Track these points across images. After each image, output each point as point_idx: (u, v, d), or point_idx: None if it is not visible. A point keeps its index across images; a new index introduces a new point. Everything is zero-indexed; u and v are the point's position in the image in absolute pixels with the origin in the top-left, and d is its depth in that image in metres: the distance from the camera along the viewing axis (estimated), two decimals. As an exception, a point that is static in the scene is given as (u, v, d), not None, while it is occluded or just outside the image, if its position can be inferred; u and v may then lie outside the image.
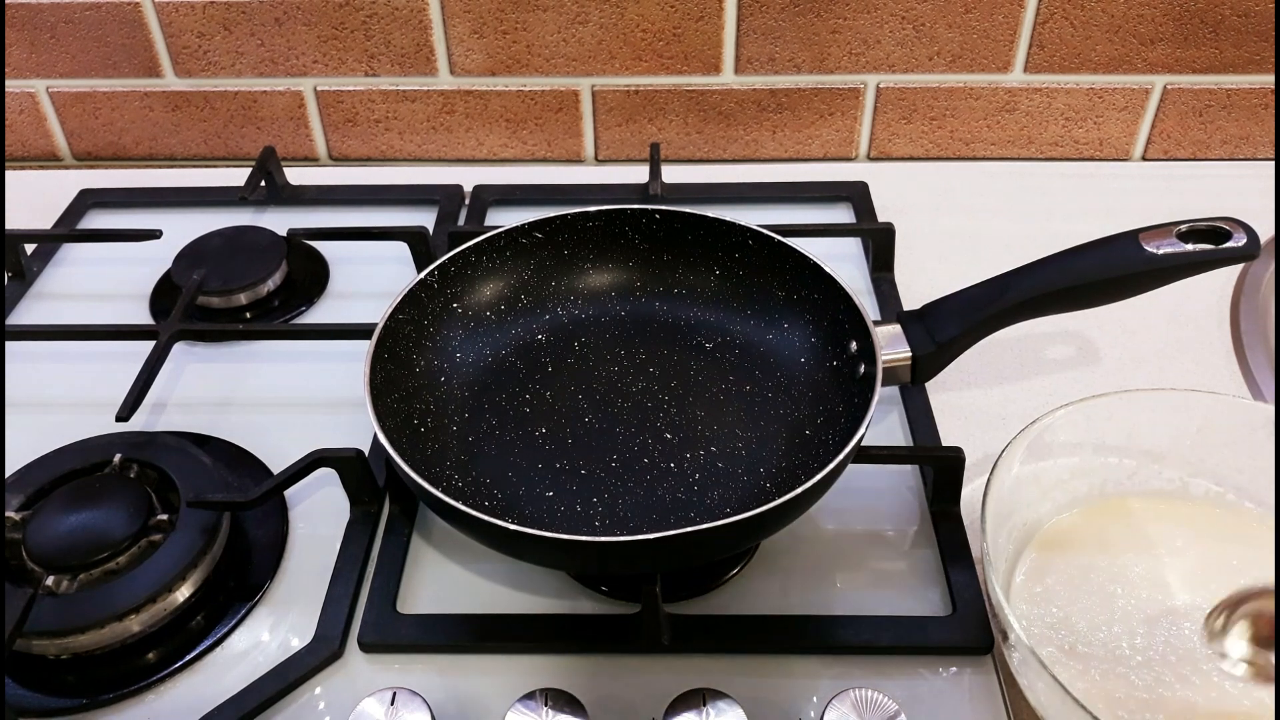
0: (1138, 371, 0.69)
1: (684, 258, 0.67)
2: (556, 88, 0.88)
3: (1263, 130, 0.88)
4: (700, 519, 0.55)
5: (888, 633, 0.53)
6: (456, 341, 0.64)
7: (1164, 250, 0.56)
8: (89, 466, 0.60)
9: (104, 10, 0.85)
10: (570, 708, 0.46)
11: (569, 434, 0.60)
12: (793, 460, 0.58)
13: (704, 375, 0.63)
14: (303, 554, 0.58)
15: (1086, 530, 0.56)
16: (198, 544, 0.55)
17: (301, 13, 0.84)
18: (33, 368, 0.71)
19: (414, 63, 0.87)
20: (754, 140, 0.91)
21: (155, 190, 0.88)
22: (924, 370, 0.59)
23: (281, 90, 0.89)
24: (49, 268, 0.81)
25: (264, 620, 0.55)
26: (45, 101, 0.91)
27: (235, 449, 0.64)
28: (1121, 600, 0.53)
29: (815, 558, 0.57)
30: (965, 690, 0.51)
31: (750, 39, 0.84)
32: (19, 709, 0.51)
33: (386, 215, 0.84)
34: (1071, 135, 0.89)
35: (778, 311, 0.65)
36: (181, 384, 0.70)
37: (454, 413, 0.61)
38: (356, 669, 0.53)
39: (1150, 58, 0.84)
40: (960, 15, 0.83)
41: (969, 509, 0.59)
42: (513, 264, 0.66)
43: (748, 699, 0.47)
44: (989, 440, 0.64)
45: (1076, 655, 0.50)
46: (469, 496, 0.56)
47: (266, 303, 0.76)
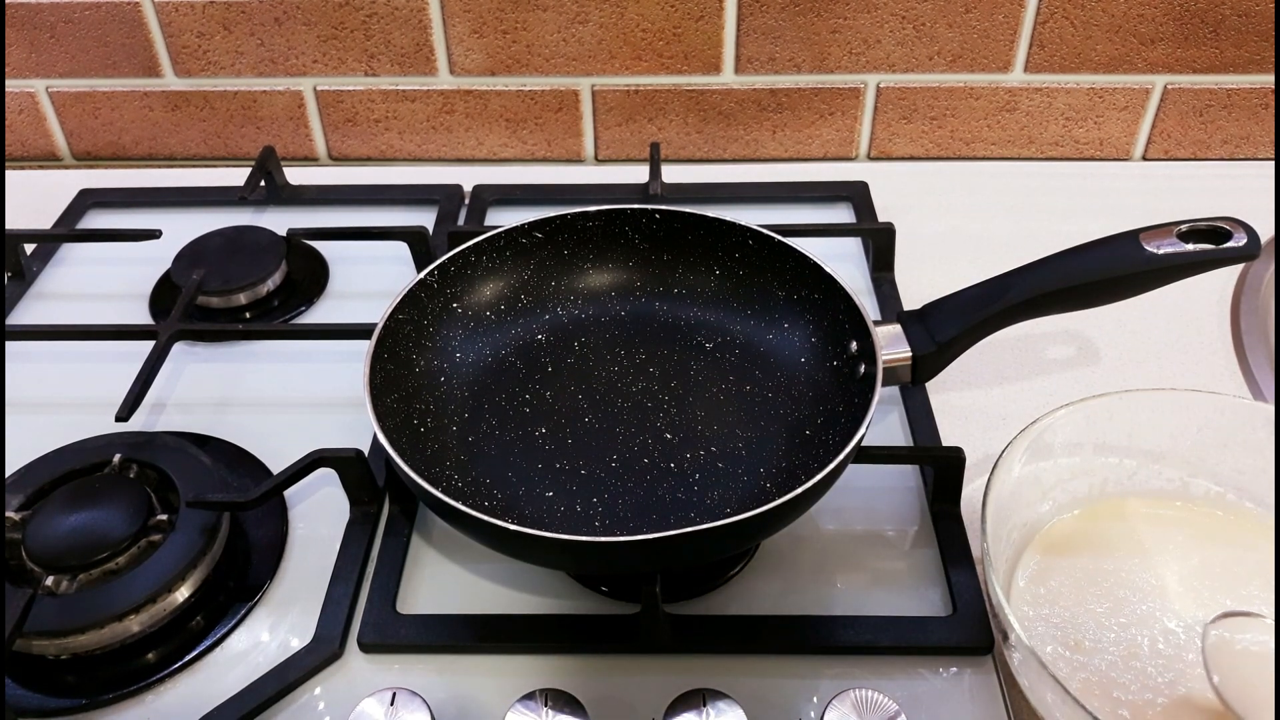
0: (1138, 371, 0.69)
1: (684, 258, 0.67)
2: (556, 87, 0.88)
3: (1263, 130, 0.88)
4: (700, 519, 0.55)
5: (888, 633, 0.53)
6: (456, 341, 0.64)
7: (1164, 250, 0.56)
8: (89, 466, 0.60)
9: (104, 10, 0.85)
10: (570, 708, 0.46)
11: (569, 434, 0.60)
12: (793, 460, 0.58)
13: (704, 375, 0.63)
14: (303, 554, 0.58)
15: (1087, 531, 0.56)
16: (198, 544, 0.55)
17: (301, 12, 0.84)
18: (33, 368, 0.71)
19: (414, 62, 0.87)
20: (754, 140, 0.91)
21: (155, 190, 0.88)
22: (924, 370, 0.59)
23: (281, 90, 0.89)
24: (49, 268, 0.81)
25: (264, 620, 0.55)
26: (45, 101, 0.91)
27: (235, 449, 0.64)
28: (1122, 600, 0.53)
29: (815, 558, 0.57)
30: (965, 690, 0.51)
31: (750, 39, 0.84)
32: (19, 709, 0.51)
33: (386, 215, 0.84)
34: (1072, 135, 0.89)
35: (778, 311, 0.65)
36: (181, 384, 0.70)
37: (454, 413, 0.61)
38: (356, 669, 0.53)
39: (1150, 57, 0.84)
40: (960, 15, 0.83)
41: (969, 509, 0.59)
42: (513, 264, 0.66)
43: (748, 699, 0.47)
44: (989, 440, 0.64)
45: (1077, 655, 0.51)
46: (469, 496, 0.56)
47: (266, 303, 0.76)
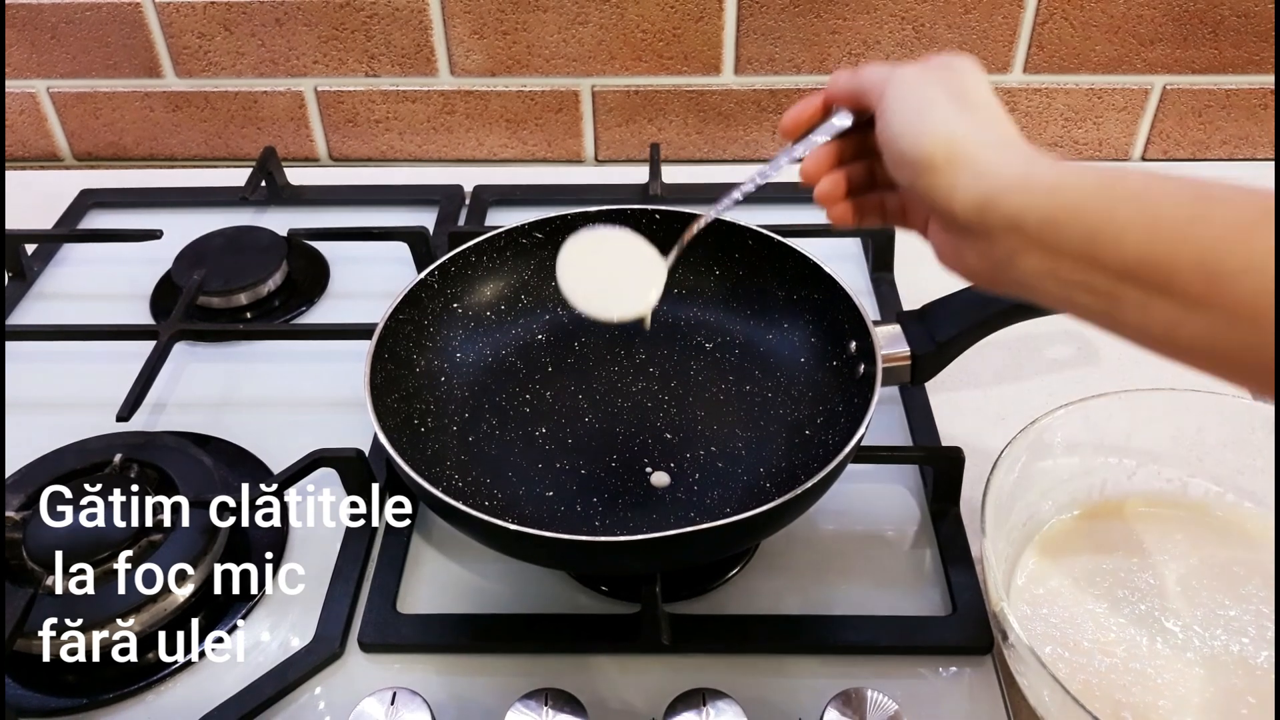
0: (1138, 371, 0.69)
1: (684, 257, 0.67)
2: (556, 88, 0.88)
3: (1262, 130, 0.88)
4: (700, 519, 0.54)
5: (888, 633, 0.53)
6: (456, 341, 0.64)
7: (1164, 250, 0.56)
8: (89, 466, 0.60)
9: (104, 10, 0.85)
10: (570, 708, 0.46)
11: (569, 434, 0.60)
12: (793, 460, 0.58)
13: (704, 375, 0.63)
14: (303, 554, 0.58)
15: (1086, 530, 0.56)
16: (198, 544, 0.55)
17: (302, 13, 0.84)
18: (33, 368, 0.71)
19: (414, 63, 0.87)
20: (754, 140, 0.91)
21: (155, 190, 0.88)
22: (924, 370, 0.59)
23: (282, 90, 0.89)
24: (49, 268, 0.81)
25: (264, 620, 0.55)
26: (45, 101, 0.91)
27: (235, 449, 0.64)
28: (1121, 600, 0.53)
29: (815, 558, 0.57)
30: (965, 690, 0.51)
31: (750, 39, 0.84)
32: (19, 709, 0.51)
33: (386, 215, 0.84)
34: (1071, 135, 0.89)
35: (778, 311, 0.65)
36: (181, 384, 0.70)
37: (454, 413, 0.61)
38: (356, 669, 0.53)
39: (1150, 58, 0.84)
40: (960, 15, 0.83)
41: (969, 509, 0.59)
42: (513, 264, 0.66)
43: (748, 699, 0.47)
44: (989, 440, 0.63)
45: (1077, 655, 0.51)
46: (469, 496, 0.56)
47: (267, 303, 0.76)
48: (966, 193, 0.39)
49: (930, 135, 0.41)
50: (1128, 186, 0.35)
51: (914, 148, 0.41)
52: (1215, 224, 0.33)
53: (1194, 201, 0.34)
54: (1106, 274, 0.35)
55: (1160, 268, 0.34)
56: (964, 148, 0.40)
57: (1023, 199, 0.38)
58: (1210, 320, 0.33)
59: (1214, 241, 0.33)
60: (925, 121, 0.41)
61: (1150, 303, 0.34)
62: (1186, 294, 0.33)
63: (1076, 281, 0.37)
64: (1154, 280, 0.34)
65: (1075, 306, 0.38)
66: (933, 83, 0.42)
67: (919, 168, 0.41)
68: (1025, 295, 0.40)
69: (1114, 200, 0.35)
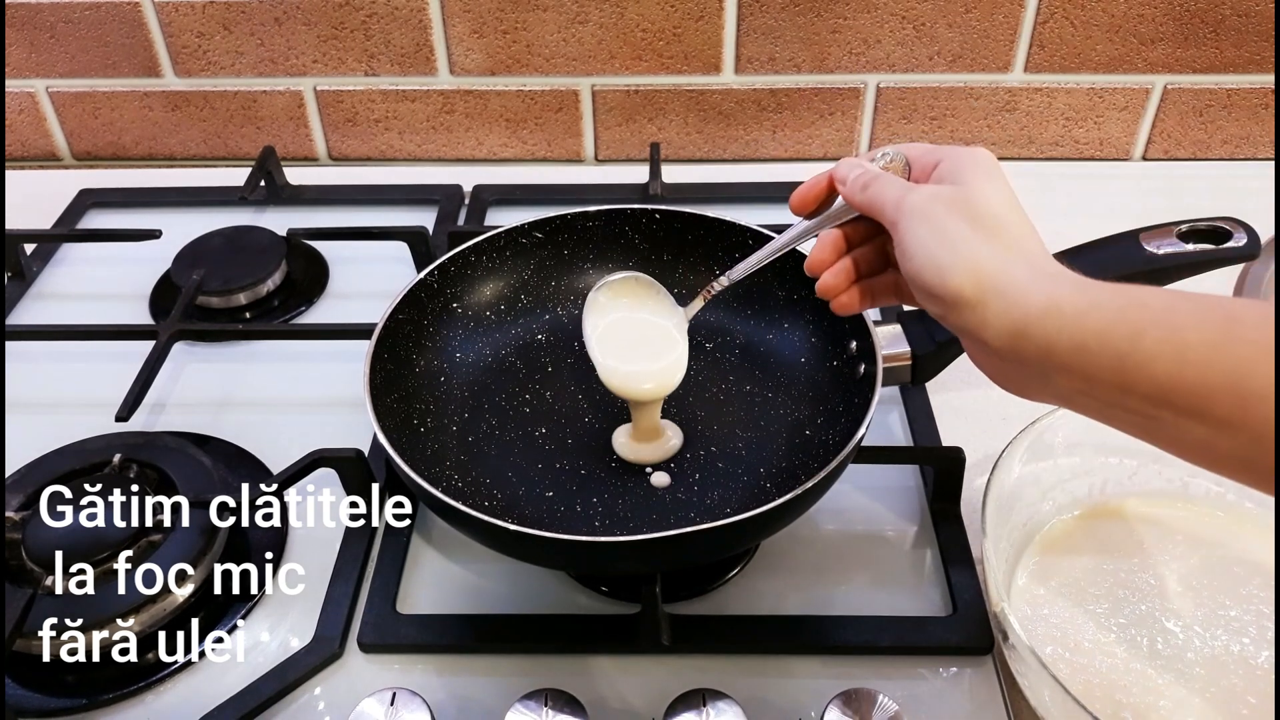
0: (1138, 371, 0.69)
1: (684, 258, 0.67)
2: (556, 87, 0.88)
3: (1263, 130, 0.88)
4: (700, 519, 0.55)
5: (888, 633, 0.53)
6: (456, 341, 0.64)
7: (1164, 250, 0.56)
8: (89, 466, 0.60)
9: (104, 10, 0.85)
10: (570, 708, 0.46)
11: (569, 434, 0.60)
12: (793, 460, 0.58)
13: (704, 375, 0.63)
14: (302, 554, 0.58)
15: (1087, 531, 0.56)
16: (198, 544, 0.55)
17: (301, 13, 0.84)
18: (33, 368, 0.71)
19: (414, 62, 0.87)
20: (754, 140, 0.91)
21: (155, 190, 0.88)
22: (924, 370, 0.59)
23: (281, 90, 0.89)
24: (49, 268, 0.81)
25: (264, 620, 0.55)
26: (45, 101, 0.91)
27: (235, 449, 0.64)
28: (1122, 601, 0.53)
29: (815, 558, 0.57)
30: (965, 690, 0.51)
31: (750, 39, 0.84)
32: (19, 709, 0.51)
33: (386, 215, 0.84)
34: (1071, 135, 0.89)
35: (778, 311, 0.65)
36: (181, 384, 0.70)
37: (454, 413, 0.61)
38: (356, 669, 0.53)
39: (1150, 58, 0.84)
40: (960, 15, 0.83)
41: (969, 509, 0.59)
42: (513, 264, 0.66)
43: (748, 699, 0.47)
44: (989, 440, 0.63)
45: (1077, 655, 0.50)
46: (469, 497, 0.56)
47: (266, 303, 0.76)
48: (999, 324, 0.39)
49: (956, 272, 0.40)
50: (1152, 310, 0.36)
51: (940, 285, 0.40)
52: (1242, 345, 0.34)
53: (1219, 324, 0.34)
54: (1139, 398, 0.36)
55: (1192, 394, 0.34)
56: (992, 280, 0.39)
57: (1054, 325, 0.38)
58: (1243, 440, 0.34)
59: (1241, 364, 0.33)
60: (948, 256, 0.40)
61: (1183, 424, 0.35)
62: (1217, 416, 0.34)
63: (1112, 402, 0.37)
64: (1186, 405, 0.35)
65: (1115, 422, 0.38)
66: (949, 212, 0.41)
67: (947, 304, 0.41)
68: (1066, 408, 0.40)
69: (1140, 326, 0.36)
